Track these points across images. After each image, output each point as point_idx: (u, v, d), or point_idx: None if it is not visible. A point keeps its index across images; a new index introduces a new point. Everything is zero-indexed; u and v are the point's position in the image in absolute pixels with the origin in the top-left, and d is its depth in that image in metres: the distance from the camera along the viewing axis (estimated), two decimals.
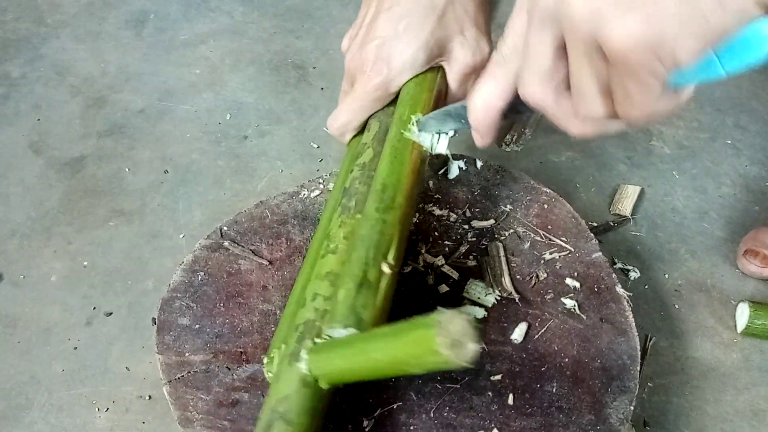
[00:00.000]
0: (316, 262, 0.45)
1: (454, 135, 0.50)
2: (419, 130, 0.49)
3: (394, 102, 0.54)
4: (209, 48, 0.93)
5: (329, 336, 0.39)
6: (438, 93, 0.53)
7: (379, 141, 0.51)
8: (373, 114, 0.54)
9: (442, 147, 0.50)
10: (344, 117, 0.55)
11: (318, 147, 0.79)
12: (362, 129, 0.56)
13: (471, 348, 0.30)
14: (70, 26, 0.96)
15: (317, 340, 0.40)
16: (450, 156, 0.57)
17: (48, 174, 0.75)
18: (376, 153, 0.50)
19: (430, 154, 0.50)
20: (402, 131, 0.49)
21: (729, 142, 0.82)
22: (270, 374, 0.42)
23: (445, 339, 0.30)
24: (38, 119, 0.82)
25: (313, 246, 0.48)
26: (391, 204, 0.44)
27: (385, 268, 0.41)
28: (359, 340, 0.37)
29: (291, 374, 0.39)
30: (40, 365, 0.59)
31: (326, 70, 0.90)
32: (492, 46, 0.54)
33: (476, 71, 0.54)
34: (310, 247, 0.49)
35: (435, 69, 0.53)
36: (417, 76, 0.52)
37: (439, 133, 0.50)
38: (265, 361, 0.42)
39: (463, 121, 0.46)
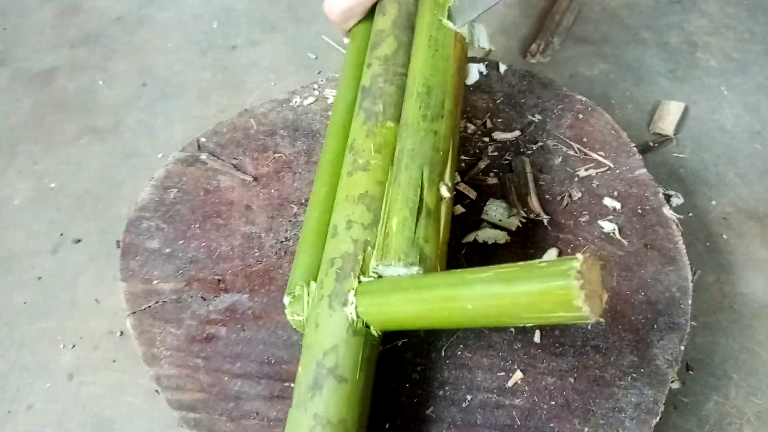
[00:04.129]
0: (338, 180, 0.38)
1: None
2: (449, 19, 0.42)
3: None
4: None
5: (378, 274, 0.33)
6: None
7: (402, 28, 0.44)
8: None
9: (484, 41, 0.44)
10: None
11: (316, 58, 0.72)
12: (367, 16, 0.47)
13: (604, 299, 0.26)
14: None
15: (363, 279, 0.33)
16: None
17: (14, 87, 0.70)
18: (401, 44, 0.43)
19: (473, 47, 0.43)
20: (440, 18, 0.42)
21: None
22: (297, 317, 0.35)
23: (585, 291, 0.25)
24: (4, 28, 0.76)
25: (327, 159, 0.40)
26: (440, 111, 0.38)
27: (444, 191, 0.35)
28: (446, 284, 0.30)
29: (336, 320, 0.32)
30: None
31: None
32: None
33: None
34: (322, 160, 0.41)
35: None
36: None
37: (473, 23, 0.43)
38: (287, 300, 0.35)
39: None
